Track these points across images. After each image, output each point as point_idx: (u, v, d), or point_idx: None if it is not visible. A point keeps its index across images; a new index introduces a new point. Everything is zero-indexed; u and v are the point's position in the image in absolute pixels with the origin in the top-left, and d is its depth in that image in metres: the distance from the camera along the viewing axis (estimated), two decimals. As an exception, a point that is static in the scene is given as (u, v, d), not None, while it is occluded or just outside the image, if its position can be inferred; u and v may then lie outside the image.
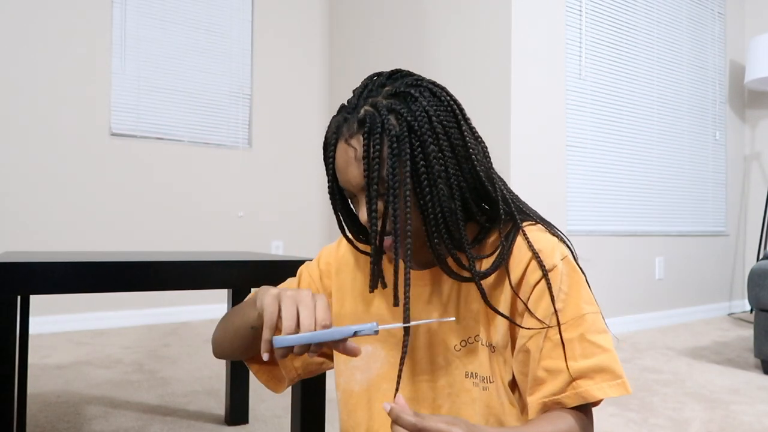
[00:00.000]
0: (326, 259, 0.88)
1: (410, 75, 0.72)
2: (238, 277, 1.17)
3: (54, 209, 3.16)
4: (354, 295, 0.84)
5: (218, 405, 1.88)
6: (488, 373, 0.73)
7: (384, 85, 0.71)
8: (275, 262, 1.21)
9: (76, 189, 3.22)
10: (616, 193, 3.35)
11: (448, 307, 0.76)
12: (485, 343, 0.74)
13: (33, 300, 3.09)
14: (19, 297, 1.60)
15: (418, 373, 0.77)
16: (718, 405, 1.94)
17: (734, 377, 2.31)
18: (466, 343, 0.75)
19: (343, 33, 4.01)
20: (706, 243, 3.89)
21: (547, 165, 2.88)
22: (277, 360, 0.84)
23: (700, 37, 3.90)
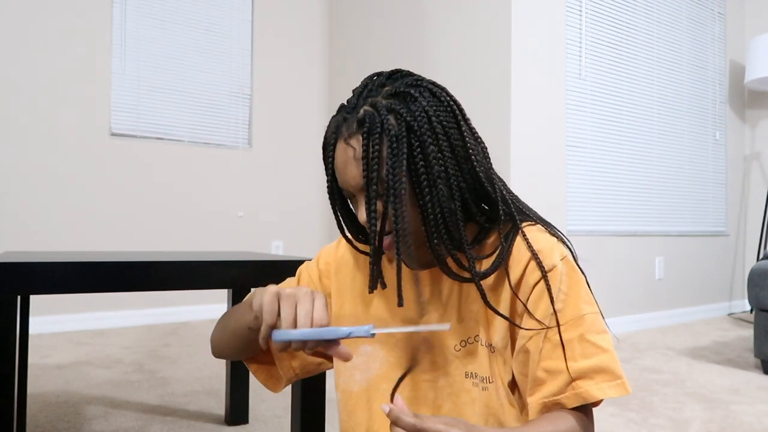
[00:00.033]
0: (325, 259, 0.88)
1: (410, 75, 0.72)
2: (238, 277, 1.17)
3: (54, 209, 3.15)
4: (353, 295, 0.83)
5: (218, 405, 1.88)
6: (488, 374, 0.73)
7: (384, 85, 0.71)
8: (275, 262, 1.21)
9: (76, 189, 3.22)
10: (616, 193, 3.35)
11: (448, 307, 0.76)
12: (485, 344, 0.73)
13: (33, 300, 3.09)
14: (19, 297, 1.60)
15: (419, 373, 0.77)
16: (718, 405, 1.94)
17: (734, 377, 2.31)
18: (465, 344, 0.75)
19: (343, 33, 4.01)
20: (706, 243, 3.89)
21: (547, 165, 2.88)
22: (274, 353, 0.84)
23: (700, 37, 3.90)
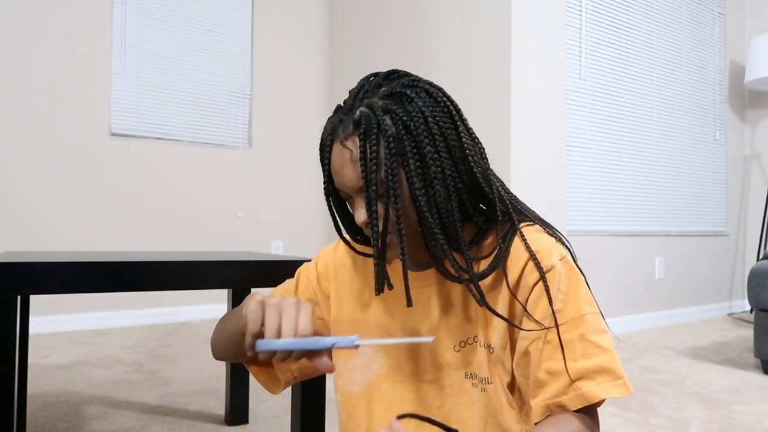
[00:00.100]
0: (324, 261, 0.88)
1: (407, 75, 0.71)
2: (238, 277, 1.17)
3: (54, 209, 3.15)
4: (352, 297, 0.83)
5: (218, 405, 1.88)
6: (487, 374, 0.73)
7: (380, 86, 0.70)
8: (275, 262, 1.21)
9: (76, 189, 3.22)
10: (616, 193, 3.35)
11: (450, 307, 0.76)
12: (483, 345, 0.73)
13: (33, 300, 3.08)
14: (19, 297, 1.60)
15: (421, 374, 0.77)
16: (718, 405, 1.94)
17: (734, 377, 2.31)
18: (465, 344, 0.74)
19: (343, 33, 4.01)
20: (706, 243, 3.88)
21: (547, 165, 2.88)
22: (260, 361, 0.84)
23: (700, 37, 3.90)
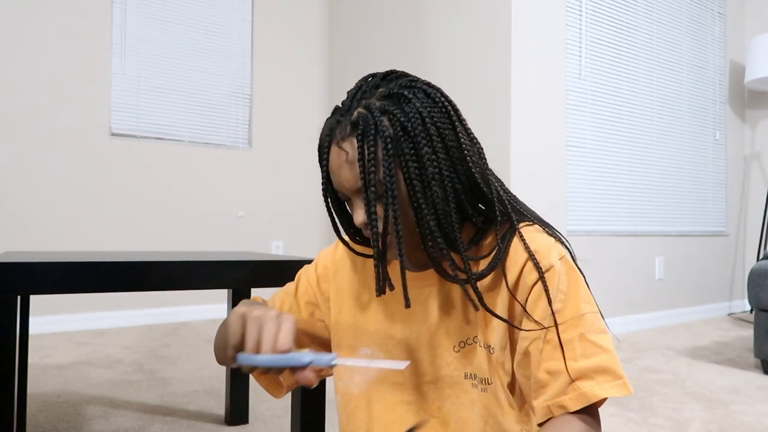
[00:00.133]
0: (324, 263, 0.88)
1: (405, 76, 0.71)
2: (238, 277, 1.17)
3: (54, 209, 3.15)
4: (351, 299, 0.83)
5: (218, 405, 1.88)
6: (487, 375, 0.72)
7: (378, 87, 0.70)
8: (275, 262, 1.21)
9: (76, 189, 3.22)
10: (616, 193, 3.35)
11: (449, 308, 0.76)
12: (483, 345, 0.73)
13: (33, 300, 3.08)
14: (19, 297, 1.60)
15: (421, 375, 0.77)
16: (718, 405, 1.94)
17: (734, 377, 2.31)
18: (465, 344, 0.74)
19: (343, 33, 4.01)
20: (706, 243, 3.88)
21: (547, 165, 2.88)
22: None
23: (700, 37, 3.90)
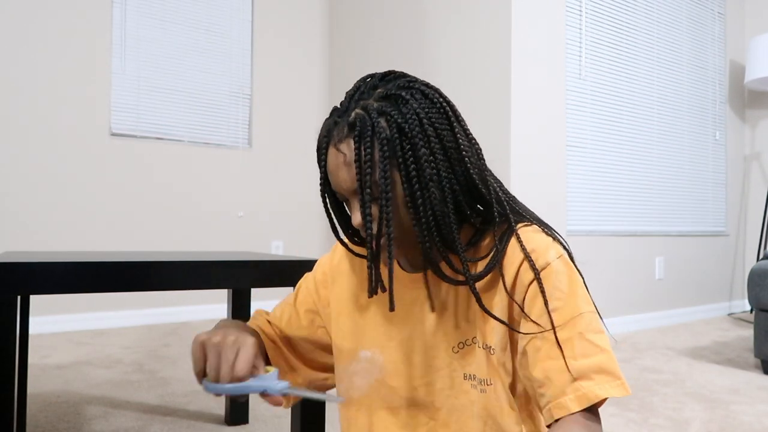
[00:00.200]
0: (322, 269, 0.88)
1: (403, 76, 0.71)
2: (238, 277, 1.17)
3: (54, 209, 3.15)
4: (350, 302, 0.83)
5: (218, 405, 1.88)
6: (486, 376, 0.72)
7: (376, 87, 0.70)
8: (275, 262, 1.21)
9: (76, 189, 3.22)
10: (616, 193, 3.35)
11: (446, 308, 0.75)
12: (482, 345, 0.73)
13: (33, 300, 3.08)
14: (19, 297, 1.60)
15: (421, 376, 0.76)
16: (718, 405, 1.94)
17: (734, 377, 2.31)
18: (463, 345, 0.74)
19: (343, 33, 4.01)
20: (706, 243, 3.88)
21: (547, 165, 2.88)
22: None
23: (700, 37, 3.90)
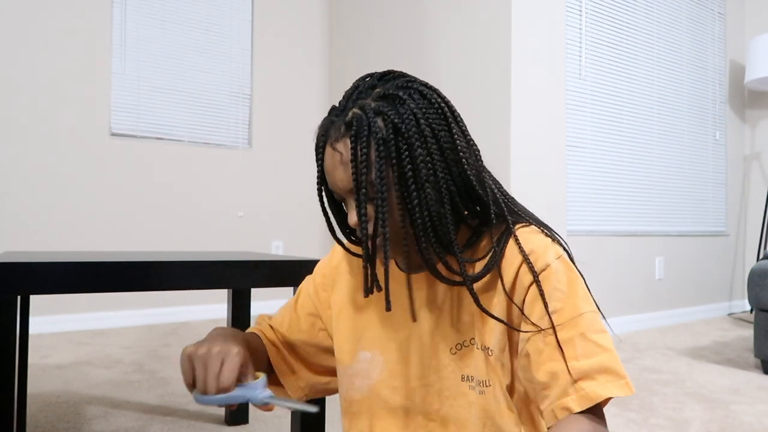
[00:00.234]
0: (321, 272, 0.89)
1: (402, 76, 0.71)
2: (238, 277, 1.17)
3: (54, 209, 3.15)
4: (350, 303, 0.83)
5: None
6: (485, 377, 0.72)
7: (374, 87, 0.70)
8: (275, 262, 1.21)
9: (76, 189, 3.22)
10: (616, 193, 3.35)
11: (443, 309, 0.75)
12: (480, 347, 0.72)
13: (33, 300, 3.08)
14: (19, 297, 1.60)
15: (420, 377, 0.76)
16: (718, 405, 1.94)
17: (734, 377, 2.31)
18: (461, 346, 0.74)
19: (343, 33, 4.01)
20: (706, 243, 3.88)
21: (547, 165, 2.88)
22: (279, 374, 0.88)
23: (700, 37, 3.90)
